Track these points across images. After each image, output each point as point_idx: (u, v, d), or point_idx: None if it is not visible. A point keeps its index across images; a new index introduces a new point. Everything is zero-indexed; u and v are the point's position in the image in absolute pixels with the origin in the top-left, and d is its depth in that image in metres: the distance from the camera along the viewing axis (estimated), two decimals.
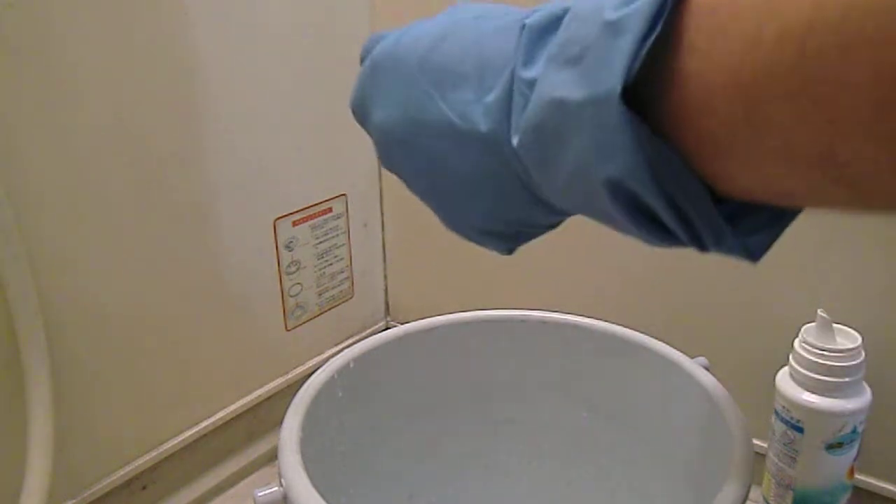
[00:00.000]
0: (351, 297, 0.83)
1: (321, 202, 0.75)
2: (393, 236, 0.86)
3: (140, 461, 0.63)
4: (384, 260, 0.88)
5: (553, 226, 0.29)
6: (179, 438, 0.66)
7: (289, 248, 0.72)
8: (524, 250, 0.31)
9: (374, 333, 0.55)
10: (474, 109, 0.25)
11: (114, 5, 0.53)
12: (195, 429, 0.67)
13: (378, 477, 0.52)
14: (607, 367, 0.52)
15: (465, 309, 0.54)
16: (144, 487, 0.65)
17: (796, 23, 0.16)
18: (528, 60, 0.23)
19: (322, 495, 0.36)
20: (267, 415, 0.75)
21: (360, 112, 0.31)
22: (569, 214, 0.27)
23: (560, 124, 0.21)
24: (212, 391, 0.69)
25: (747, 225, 0.22)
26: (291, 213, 0.72)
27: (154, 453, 0.64)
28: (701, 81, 0.18)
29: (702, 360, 0.48)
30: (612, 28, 0.19)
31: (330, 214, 0.77)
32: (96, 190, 0.55)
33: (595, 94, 0.20)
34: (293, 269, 0.74)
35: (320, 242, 0.76)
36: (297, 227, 0.73)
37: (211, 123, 0.62)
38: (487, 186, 0.27)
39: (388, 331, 0.52)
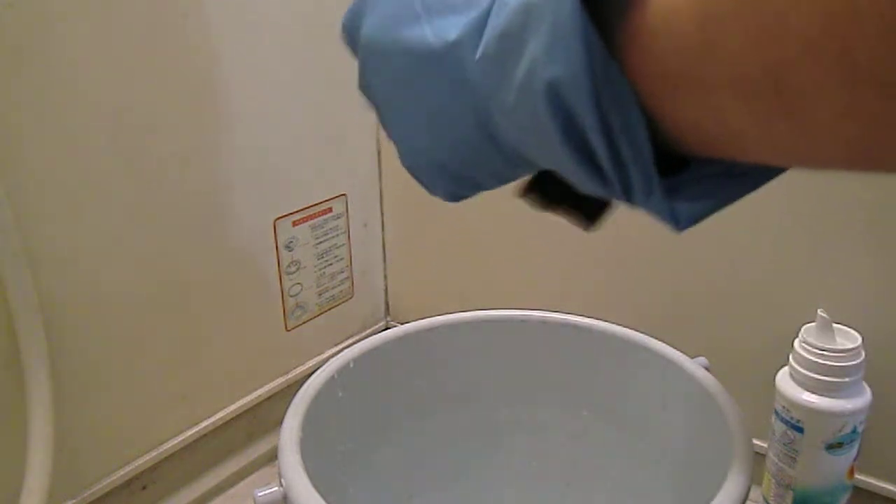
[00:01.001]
0: (351, 297, 0.83)
1: (321, 202, 0.75)
2: (393, 236, 0.86)
3: (140, 461, 0.63)
4: (384, 260, 0.88)
5: (505, 180, 0.29)
6: (179, 438, 0.66)
7: (289, 248, 0.72)
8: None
9: (374, 333, 0.55)
10: (451, 29, 0.25)
11: (113, 4, 0.53)
12: (195, 429, 0.67)
13: (378, 477, 0.52)
14: (607, 367, 0.52)
15: (465, 309, 0.54)
16: (144, 487, 0.65)
17: None
18: None
19: (322, 495, 0.36)
20: (267, 415, 0.75)
21: (350, 28, 0.31)
22: (521, 168, 0.27)
23: (522, 26, 0.21)
24: (212, 391, 0.69)
25: (684, 192, 0.22)
26: (291, 213, 0.72)
27: (154, 453, 0.64)
28: (661, 1, 0.18)
29: (702, 360, 0.48)
30: None
31: (330, 214, 0.77)
32: (96, 189, 0.55)
33: None
34: (293, 269, 0.74)
35: (320, 242, 0.76)
36: (297, 227, 0.73)
37: (210, 123, 0.62)
38: (445, 114, 0.27)
39: (388, 331, 0.52)
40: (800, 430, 0.54)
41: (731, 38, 0.17)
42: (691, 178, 0.23)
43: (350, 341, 0.84)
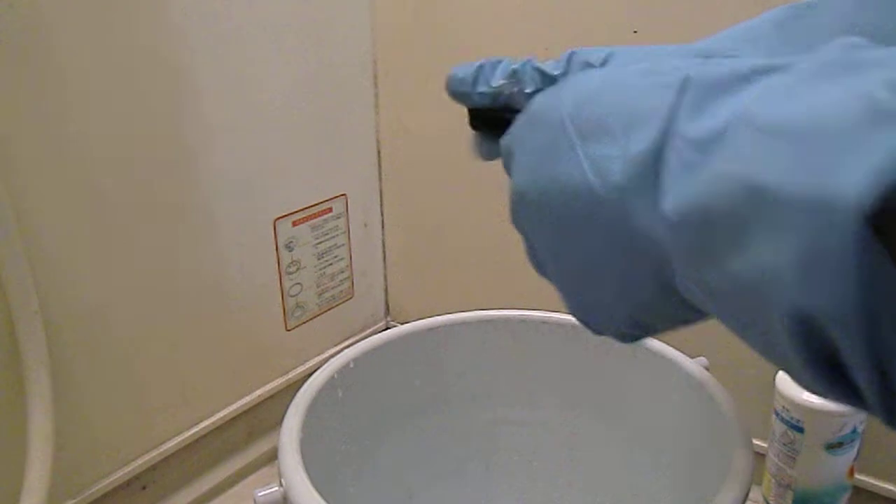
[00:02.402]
0: (351, 297, 0.83)
1: (321, 202, 0.75)
2: (393, 236, 0.86)
3: (140, 461, 0.63)
4: (384, 260, 0.88)
5: (689, 321, 0.25)
6: (179, 438, 0.66)
7: (289, 248, 0.72)
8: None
9: (374, 333, 0.55)
10: (613, 164, 0.21)
11: (113, 7, 0.53)
12: (195, 429, 0.67)
13: (378, 477, 0.52)
14: (607, 367, 0.52)
15: (465, 309, 0.54)
16: (144, 487, 0.65)
17: None
18: (697, 115, 0.19)
19: (322, 495, 0.36)
20: (267, 415, 0.75)
21: (506, 158, 0.28)
22: (709, 316, 0.23)
23: (745, 216, 0.17)
24: (212, 391, 0.69)
25: None
26: (291, 213, 0.72)
27: (154, 453, 0.64)
28: None
29: (702, 360, 0.48)
30: (879, 113, 0.14)
31: (330, 214, 0.77)
32: (96, 190, 0.55)
33: (821, 195, 0.15)
34: (293, 269, 0.74)
35: (320, 242, 0.76)
36: (297, 227, 0.73)
37: (211, 123, 0.62)
38: (617, 269, 0.23)
39: (388, 331, 0.52)
40: (800, 430, 0.54)
41: None
42: None
43: (350, 341, 0.84)
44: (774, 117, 0.17)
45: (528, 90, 0.29)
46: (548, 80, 0.29)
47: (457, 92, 0.32)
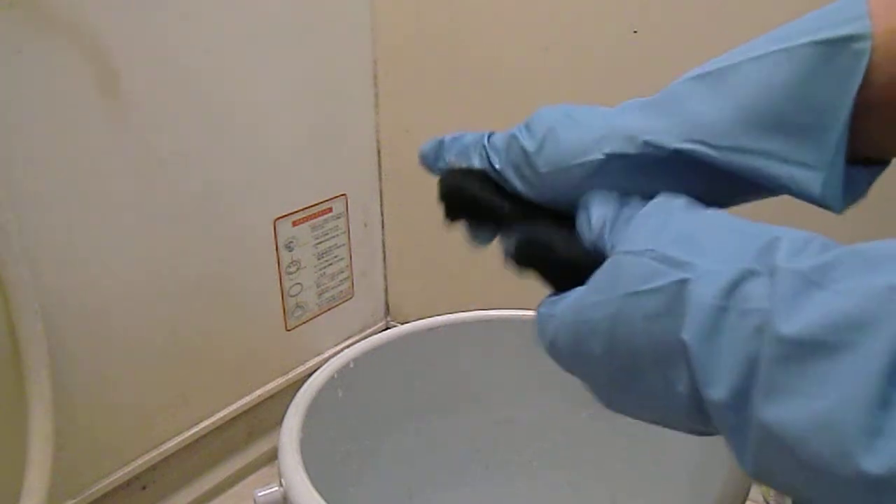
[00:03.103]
0: (351, 297, 0.83)
1: (321, 202, 0.75)
2: (393, 236, 0.86)
3: (140, 461, 0.63)
4: (384, 260, 0.88)
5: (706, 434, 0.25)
6: (179, 438, 0.66)
7: (289, 248, 0.72)
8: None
9: (374, 333, 0.55)
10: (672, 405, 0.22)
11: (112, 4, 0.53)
12: (195, 429, 0.67)
13: (378, 477, 0.52)
14: None
15: (465, 309, 0.54)
16: (144, 487, 0.65)
17: None
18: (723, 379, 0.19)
19: (322, 495, 0.36)
20: (267, 415, 0.75)
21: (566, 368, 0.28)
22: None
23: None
24: (212, 391, 0.69)
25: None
26: (291, 213, 0.72)
27: (154, 453, 0.64)
28: None
29: None
30: None
31: (330, 214, 0.77)
32: (97, 190, 0.55)
33: None
34: (293, 269, 0.74)
35: (320, 242, 0.76)
36: (297, 227, 0.73)
37: (211, 123, 0.62)
38: (661, 409, 0.23)
39: (388, 331, 0.52)
40: None
41: None
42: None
43: (350, 341, 0.84)
44: None
45: (476, 166, 0.30)
46: (489, 158, 0.30)
47: (423, 166, 0.33)
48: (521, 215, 0.30)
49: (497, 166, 0.30)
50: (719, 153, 0.24)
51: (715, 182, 0.26)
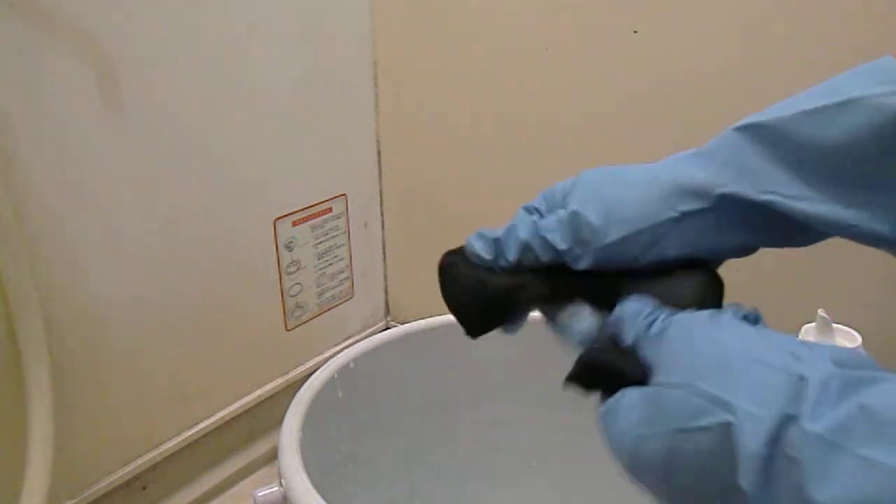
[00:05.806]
0: (351, 297, 0.83)
1: (321, 202, 0.75)
2: (393, 236, 0.86)
3: (140, 461, 0.63)
4: (384, 260, 0.88)
5: None
6: (179, 438, 0.66)
7: (289, 248, 0.72)
8: None
9: (374, 333, 0.55)
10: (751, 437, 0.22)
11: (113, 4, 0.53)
12: (195, 429, 0.67)
13: (378, 477, 0.52)
14: None
15: None
16: (144, 487, 0.65)
17: None
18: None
19: (322, 495, 0.36)
20: (267, 415, 0.75)
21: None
22: None
23: None
24: (212, 391, 0.69)
25: None
26: (291, 213, 0.72)
27: (154, 453, 0.64)
28: None
29: None
30: None
31: (330, 214, 0.77)
32: (96, 189, 0.55)
33: None
34: (293, 269, 0.74)
35: (320, 242, 0.76)
36: (297, 227, 0.73)
37: (211, 123, 0.62)
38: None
39: (388, 331, 0.52)
40: None
41: None
42: None
43: (350, 341, 0.84)
44: None
45: (544, 260, 0.30)
46: (556, 251, 0.30)
47: (477, 261, 0.33)
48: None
49: (560, 248, 0.29)
50: (797, 203, 0.25)
51: (777, 230, 0.26)
